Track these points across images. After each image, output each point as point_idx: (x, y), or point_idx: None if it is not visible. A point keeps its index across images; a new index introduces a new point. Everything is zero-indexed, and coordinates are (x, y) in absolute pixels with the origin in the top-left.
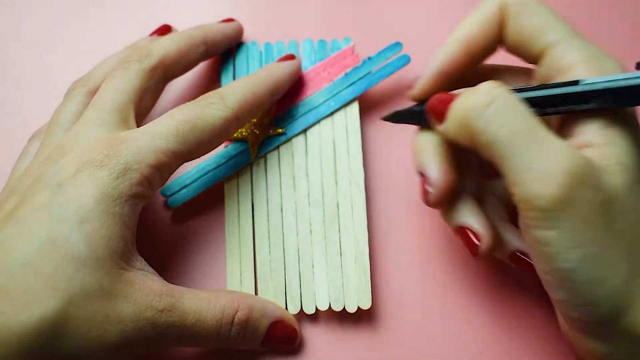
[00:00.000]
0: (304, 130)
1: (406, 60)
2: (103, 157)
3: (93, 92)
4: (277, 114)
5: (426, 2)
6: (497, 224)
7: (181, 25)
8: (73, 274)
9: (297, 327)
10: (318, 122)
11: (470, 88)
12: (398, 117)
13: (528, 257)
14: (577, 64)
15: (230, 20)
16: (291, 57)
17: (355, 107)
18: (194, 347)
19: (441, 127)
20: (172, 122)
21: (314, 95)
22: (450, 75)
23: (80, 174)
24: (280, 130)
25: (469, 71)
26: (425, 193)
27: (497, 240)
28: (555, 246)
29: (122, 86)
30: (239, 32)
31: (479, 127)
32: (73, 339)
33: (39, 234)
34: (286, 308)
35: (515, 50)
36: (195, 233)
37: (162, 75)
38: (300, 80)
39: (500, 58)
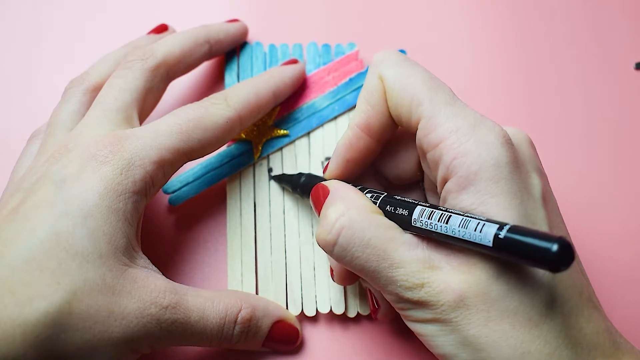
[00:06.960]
0: (308, 133)
1: None
2: (107, 153)
3: (91, 91)
4: (281, 115)
5: (430, 9)
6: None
7: (186, 27)
8: (76, 269)
9: (298, 327)
10: (322, 125)
11: (324, 209)
12: (282, 180)
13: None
14: (445, 139)
15: (235, 20)
16: (295, 61)
17: None
18: (197, 346)
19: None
20: (176, 120)
21: (318, 98)
22: (355, 159)
23: (85, 169)
24: (283, 131)
25: (380, 145)
26: (331, 272)
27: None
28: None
29: (126, 85)
30: (244, 32)
31: (336, 258)
32: (77, 334)
33: (42, 229)
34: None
35: (398, 123)
36: (196, 233)
37: (165, 74)
38: (304, 82)
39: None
